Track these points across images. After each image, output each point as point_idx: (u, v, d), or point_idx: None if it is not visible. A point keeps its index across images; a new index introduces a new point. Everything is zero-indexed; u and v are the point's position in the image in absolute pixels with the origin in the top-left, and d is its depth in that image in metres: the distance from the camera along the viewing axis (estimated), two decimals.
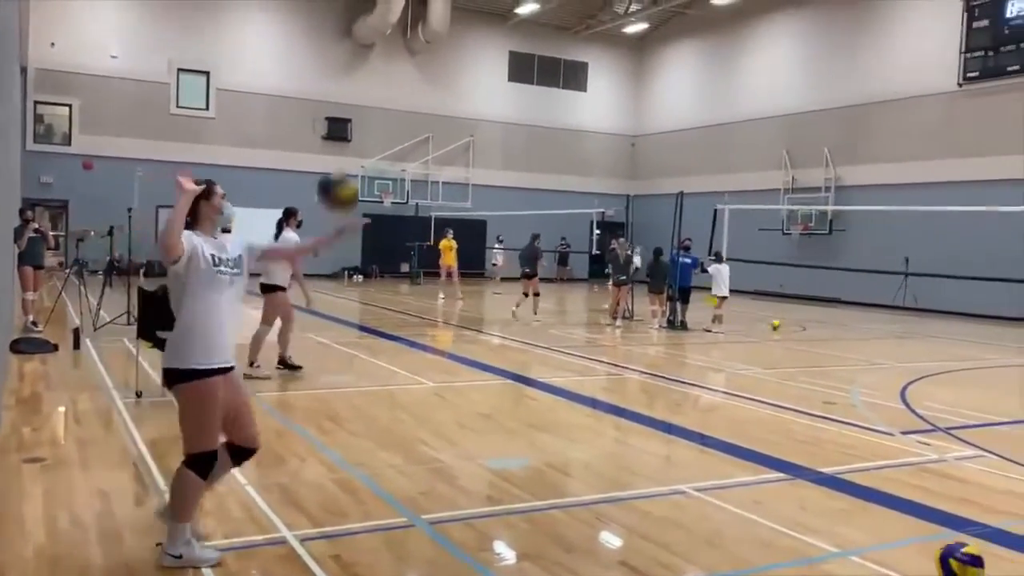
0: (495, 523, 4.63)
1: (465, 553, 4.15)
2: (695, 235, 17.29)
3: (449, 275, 21.17)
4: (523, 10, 29.57)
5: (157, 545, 3.91)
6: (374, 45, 28.64)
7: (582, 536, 4.49)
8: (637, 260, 16.80)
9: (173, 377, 3.81)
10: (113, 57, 24.84)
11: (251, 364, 8.69)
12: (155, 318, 5.69)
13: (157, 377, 6.32)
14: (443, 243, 21.29)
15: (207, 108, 26.41)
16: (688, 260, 15.95)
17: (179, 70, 25.92)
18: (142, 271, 21.26)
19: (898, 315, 20.68)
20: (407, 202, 28.84)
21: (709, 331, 15.13)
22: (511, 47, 31.29)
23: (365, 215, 28.51)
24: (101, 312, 12.32)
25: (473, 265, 28.71)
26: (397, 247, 28.07)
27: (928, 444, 6.92)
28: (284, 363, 9.14)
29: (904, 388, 9.71)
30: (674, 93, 31.84)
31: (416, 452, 6.10)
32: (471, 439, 6.68)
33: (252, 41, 26.93)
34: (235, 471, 4.43)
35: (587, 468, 6.02)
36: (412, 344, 12.50)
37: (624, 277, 16.27)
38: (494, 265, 28.53)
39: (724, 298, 15.62)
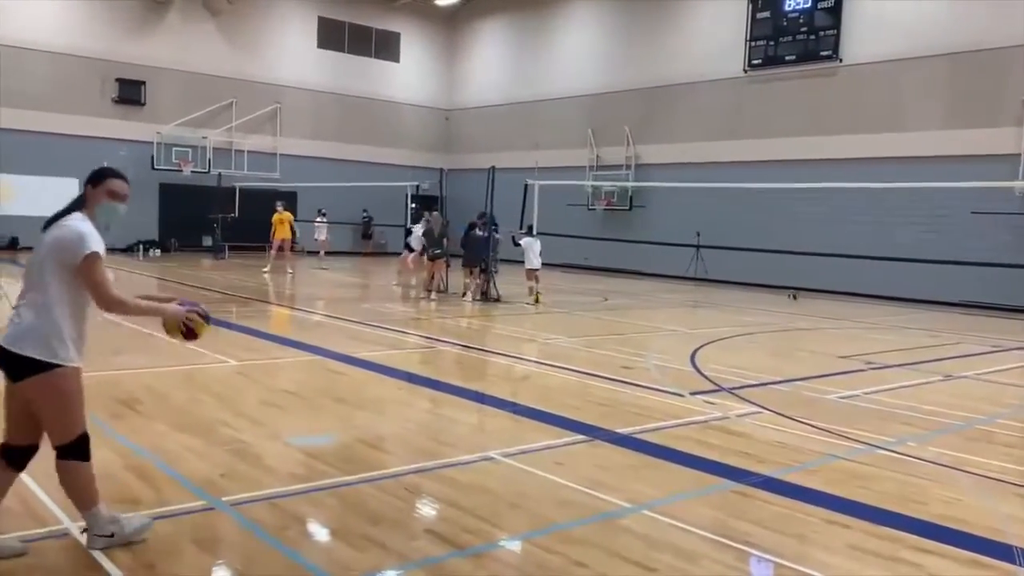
0: (301, 501, 4.54)
1: (268, 533, 4.05)
2: (507, 210, 17.66)
3: (280, 249, 20.97)
4: None
5: (83, 532, 3.80)
6: (171, 2, 26.72)
7: (390, 508, 4.50)
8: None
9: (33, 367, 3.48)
10: None
11: None
12: None
13: None
14: (276, 216, 21.14)
15: None
16: (482, 234, 16.09)
17: None
18: None
19: (690, 285, 22.23)
20: (209, 171, 27.25)
21: (530, 304, 15.41)
22: (320, 12, 30.27)
23: (162, 184, 26.79)
24: None
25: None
26: (198, 219, 26.56)
27: (713, 403, 7.52)
28: None
29: (694, 352, 10.47)
30: (486, 69, 32.15)
31: (216, 433, 5.85)
32: (276, 417, 6.49)
33: None
34: None
35: (397, 440, 6.04)
36: (215, 322, 11.92)
37: (439, 251, 16.36)
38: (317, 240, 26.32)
39: (536, 270, 16.04)
